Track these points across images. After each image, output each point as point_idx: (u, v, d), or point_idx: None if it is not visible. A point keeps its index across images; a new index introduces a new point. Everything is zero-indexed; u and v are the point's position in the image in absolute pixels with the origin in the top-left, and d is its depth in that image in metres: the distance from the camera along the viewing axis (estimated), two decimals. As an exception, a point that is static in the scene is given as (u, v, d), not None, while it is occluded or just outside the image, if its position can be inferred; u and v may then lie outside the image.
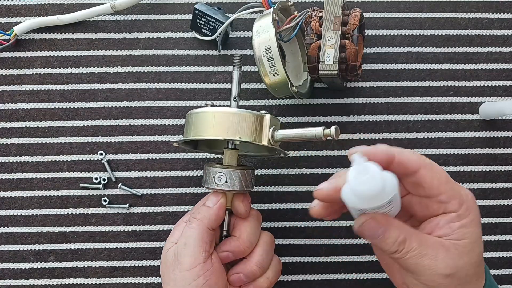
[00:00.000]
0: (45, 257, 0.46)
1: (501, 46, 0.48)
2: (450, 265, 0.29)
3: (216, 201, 0.37)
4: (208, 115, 0.36)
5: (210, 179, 0.37)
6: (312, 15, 0.41)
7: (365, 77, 0.47)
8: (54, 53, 0.47)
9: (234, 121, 0.35)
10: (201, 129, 0.36)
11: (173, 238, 0.37)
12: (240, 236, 0.37)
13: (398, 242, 0.29)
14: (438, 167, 0.31)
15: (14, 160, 0.47)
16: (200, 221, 0.36)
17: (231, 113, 0.36)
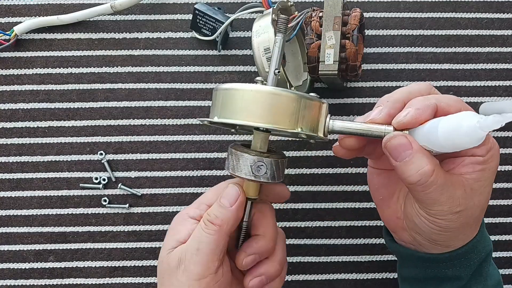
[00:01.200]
0: (45, 257, 0.46)
1: (501, 46, 0.48)
2: (462, 203, 0.29)
3: (234, 199, 0.32)
4: (264, 96, 0.30)
5: (245, 168, 0.31)
6: (312, 15, 0.41)
7: (365, 77, 0.47)
8: (54, 53, 0.47)
9: (297, 108, 0.30)
10: (253, 113, 0.30)
11: (178, 236, 0.33)
12: (266, 234, 0.33)
13: (422, 172, 0.28)
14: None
15: (14, 160, 0.47)
16: (219, 227, 0.31)
17: (295, 97, 0.30)
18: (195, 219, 0.34)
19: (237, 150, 0.32)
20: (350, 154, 0.33)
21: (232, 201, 0.32)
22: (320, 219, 0.47)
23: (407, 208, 0.32)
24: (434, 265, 0.33)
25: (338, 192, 0.47)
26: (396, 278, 0.46)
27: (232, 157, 0.32)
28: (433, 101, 0.29)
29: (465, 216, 0.30)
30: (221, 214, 0.32)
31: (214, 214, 0.32)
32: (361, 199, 0.47)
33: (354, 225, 0.47)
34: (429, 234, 0.31)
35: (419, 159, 0.28)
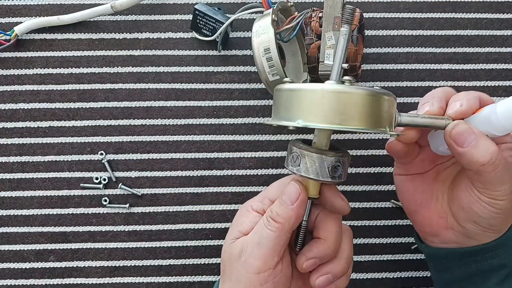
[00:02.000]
0: (46, 257, 0.46)
1: (501, 46, 0.48)
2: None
3: (295, 197, 0.32)
4: (363, 99, 0.29)
5: (287, 159, 0.31)
6: (312, 15, 0.41)
7: (365, 77, 0.47)
8: (55, 53, 0.47)
9: (383, 108, 0.30)
10: (346, 115, 0.28)
11: (241, 228, 0.33)
12: (328, 238, 0.33)
13: (492, 151, 0.30)
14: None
15: (15, 160, 0.47)
16: (282, 225, 0.31)
17: (386, 96, 0.30)
18: (258, 212, 0.34)
19: (310, 151, 0.31)
20: (405, 151, 0.35)
21: (293, 199, 0.32)
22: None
23: (461, 199, 0.33)
24: (481, 257, 0.34)
25: (338, 192, 0.47)
26: (396, 278, 0.46)
27: (296, 155, 0.31)
28: (477, 94, 0.32)
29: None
30: (282, 212, 0.32)
31: (276, 211, 0.32)
32: (360, 199, 0.47)
33: (354, 225, 0.47)
34: (488, 219, 0.32)
35: (485, 141, 0.30)
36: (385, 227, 0.47)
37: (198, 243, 0.47)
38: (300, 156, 0.31)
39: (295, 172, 0.32)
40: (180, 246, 0.47)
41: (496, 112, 0.30)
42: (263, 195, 0.35)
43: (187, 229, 0.47)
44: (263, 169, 0.47)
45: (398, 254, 0.46)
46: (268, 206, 0.34)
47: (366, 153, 0.47)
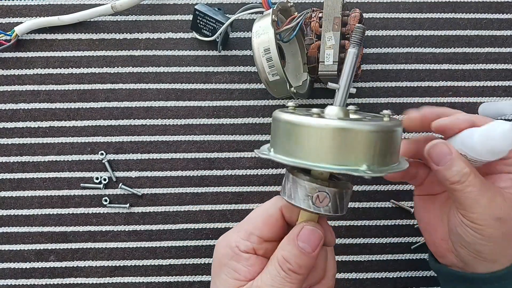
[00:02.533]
0: (46, 256, 0.47)
1: (500, 47, 0.48)
2: (504, 211, 0.30)
3: (317, 244, 0.29)
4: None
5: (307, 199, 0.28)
6: (312, 15, 0.41)
7: (364, 77, 0.47)
8: (55, 54, 0.47)
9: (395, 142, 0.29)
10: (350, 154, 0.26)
11: (238, 276, 0.30)
12: (327, 273, 0.32)
13: (463, 173, 0.30)
14: None
15: (15, 160, 0.47)
16: (302, 275, 0.29)
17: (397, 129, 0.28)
18: (249, 252, 0.31)
19: (296, 176, 0.28)
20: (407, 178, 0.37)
21: (314, 246, 0.29)
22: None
23: (451, 220, 0.33)
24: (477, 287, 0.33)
25: (337, 192, 0.47)
26: (396, 277, 0.46)
27: (294, 185, 0.28)
28: (473, 118, 0.32)
29: (506, 225, 0.30)
30: (304, 262, 0.29)
31: (296, 263, 0.28)
32: (360, 198, 0.47)
33: (354, 225, 0.47)
34: (473, 244, 0.31)
35: (459, 163, 0.31)
36: (384, 227, 0.47)
37: (198, 243, 0.47)
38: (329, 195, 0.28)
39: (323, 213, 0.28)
40: (180, 246, 0.47)
41: (473, 136, 0.30)
42: (247, 230, 0.31)
43: (187, 229, 0.47)
44: (263, 169, 0.47)
45: (397, 254, 0.47)
46: (257, 244, 0.30)
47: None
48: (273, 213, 0.31)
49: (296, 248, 0.29)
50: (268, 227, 0.31)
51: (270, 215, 0.31)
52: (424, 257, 0.46)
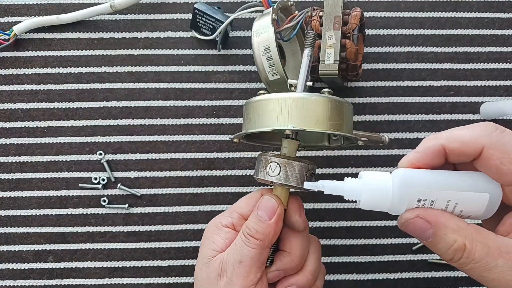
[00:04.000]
0: (44, 257, 0.46)
1: (502, 46, 0.47)
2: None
3: (272, 212, 0.32)
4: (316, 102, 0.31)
5: (263, 170, 0.33)
6: (312, 14, 0.41)
7: (365, 76, 0.47)
8: (53, 53, 0.47)
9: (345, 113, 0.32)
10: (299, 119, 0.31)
11: (214, 246, 0.33)
12: (292, 251, 0.33)
13: (454, 248, 0.24)
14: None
15: (13, 160, 0.47)
16: (262, 241, 0.31)
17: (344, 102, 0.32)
18: (228, 227, 0.34)
19: (262, 154, 0.33)
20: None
21: (270, 214, 0.32)
22: (320, 219, 0.46)
23: None
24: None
25: (338, 192, 0.47)
26: (396, 278, 0.46)
27: (257, 161, 0.33)
28: (438, 142, 0.26)
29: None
30: (260, 228, 0.32)
31: (254, 228, 0.32)
32: (361, 199, 0.46)
33: (355, 226, 0.46)
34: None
35: (445, 237, 0.25)
36: (386, 228, 0.46)
37: (198, 244, 0.46)
38: (279, 165, 0.32)
39: (275, 181, 0.32)
40: (180, 246, 0.46)
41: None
42: (231, 209, 0.35)
43: (186, 229, 0.46)
44: (263, 169, 0.47)
45: (399, 255, 0.46)
46: (237, 220, 0.34)
47: (367, 153, 0.47)
48: (254, 195, 0.35)
49: (255, 216, 0.32)
50: (249, 207, 0.34)
51: (251, 197, 0.35)
52: (425, 258, 0.46)
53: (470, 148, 0.26)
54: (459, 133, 0.26)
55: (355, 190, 0.27)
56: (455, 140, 0.26)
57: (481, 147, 0.25)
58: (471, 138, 0.26)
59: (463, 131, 0.26)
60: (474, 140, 0.25)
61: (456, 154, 0.26)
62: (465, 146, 0.26)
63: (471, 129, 0.26)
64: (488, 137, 0.25)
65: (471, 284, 0.46)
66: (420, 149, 0.27)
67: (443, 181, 0.26)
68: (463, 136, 0.26)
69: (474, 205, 0.26)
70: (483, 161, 0.25)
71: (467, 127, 0.27)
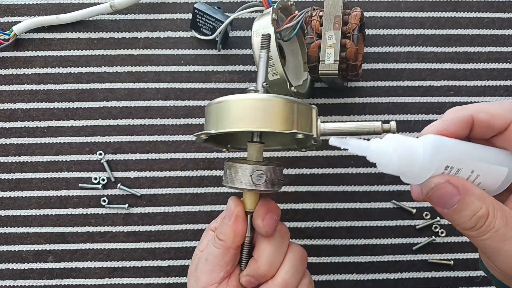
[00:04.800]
0: (44, 257, 0.46)
1: (502, 46, 0.47)
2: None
3: (230, 214, 0.33)
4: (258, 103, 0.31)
5: (244, 178, 0.32)
6: (312, 14, 0.41)
7: (365, 76, 0.47)
8: (53, 53, 0.47)
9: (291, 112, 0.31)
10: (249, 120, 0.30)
11: (200, 246, 0.36)
12: (258, 258, 0.32)
13: (479, 215, 0.24)
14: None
15: (13, 160, 0.47)
16: (224, 242, 0.32)
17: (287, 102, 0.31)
18: (213, 231, 0.37)
19: (234, 162, 0.32)
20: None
21: (229, 215, 0.33)
22: (320, 220, 0.46)
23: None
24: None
25: (338, 192, 0.46)
26: (396, 278, 0.46)
27: (230, 170, 0.32)
28: (468, 112, 0.26)
29: None
30: (223, 229, 0.33)
31: (219, 229, 0.33)
32: (361, 199, 0.46)
33: (355, 226, 0.46)
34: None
35: (471, 203, 0.24)
36: (386, 228, 0.46)
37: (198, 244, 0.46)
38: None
39: (229, 186, 0.32)
40: (180, 247, 0.46)
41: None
42: (220, 215, 0.37)
43: (186, 229, 0.46)
44: (263, 169, 0.47)
45: (399, 255, 0.46)
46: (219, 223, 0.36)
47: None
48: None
49: (221, 218, 0.35)
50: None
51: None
52: (425, 258, 0.46)
53: (498, 121, 0.26)
54: (487, 106, 0.26)
55: (382, 151, 0.25)
56: (484, 112, 0.26)
57: (509, 122, 0.26)
58: (501, 112, 0.26)
59: (491, 105, 0.26)
60: (502, 114, 0.26)
61: (483, 126, 0.26)
62: (494, 118, 0.26)
63: (499, 104, 0.27)
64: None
65: (471, 284, 0.46)
66: (447, 118, 0.26)
67: (470, 151, 0.26)
68: (492, 109, 0.26)
69: (492, 178, 0.26)
70: (508, 135, 0.26)
71: (494, 103, 0.27)
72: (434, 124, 0.27)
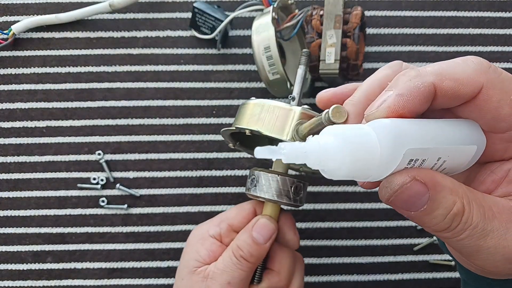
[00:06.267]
0: (43, 258, 0.46)
1: (503, 45, 0.47)
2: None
3: (269, 236, 0.31)
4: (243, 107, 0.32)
5: (252, 185, 0.32)
6: (313, 13, 0.41)
7: (366, 76, 0.46)
8: (52, 52, 0.47)
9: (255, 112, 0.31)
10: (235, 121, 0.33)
11: (198, 257, 0.32)
12: (281, 271, 0.32)
13: (454, 213, 0.19)
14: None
15: (12, 160, 0.46)
16: (253, 264, 0.31)
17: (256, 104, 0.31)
18: (215, 238, 0.33)
19: (253, 169, 0.32)
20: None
21: (267, 237, 0.31)
22: (321, 220, 0.46)
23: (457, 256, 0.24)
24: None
25: (339, 193, 0.46)
26: (397, 279, 0.46)
27: (266, 181, 0.31)
28: (429, 81, 0.20)
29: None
30: (255, 251, 0.31)
31: (248, 250, 0.31)
32: (362, 199, 0.46)
33: (356, 226, 0.46)
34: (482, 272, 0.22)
35: (443, 198, 0.19)
36: (387, 229, 0.46)
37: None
38: (259, 177, 0.32)
39: (252, 194, 0.32)
40: (179, 247, 0.46)
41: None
42: (220, 219, 0.34)
43: (186, 230, 0.46)
44: (263, 169, 0.46)
45: (400, 256, 0.46)
46: (226, 231, 0.33)
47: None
48: (246, 207, 0.34)
49: (250, 237, 0.31)
50: (239, 217, 0.33)
51: (244, 208, 0.34)
52: (426, 259, 0.46)
53: (467, 89, 0.20)
54: (450, 69, 0.20)
55: (326, 151, 0.19)
56: (449, 78, 0.20)
57: (480, 87, 0.20)
58: (469, 76, 0.20)
59: (456, 67, 0.20)
60: (472, 78, 0.20)
61: (448, 96, 0.20)
62: (462, 85, 0.20)
63: (463, 63, 0.20)
64: (485, 74, 0.20)
65: (473, 285, 0.46)
66: (404, 90, 0.20)
67: (434, 133, 0.20)
68: (458, 73, 0.20)
69: (459, 160, 0.21)
70: (479, 104, 0.20)
71: (456, 61, 0.21)
72: (387, 100, 0.20)
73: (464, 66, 0.20)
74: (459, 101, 0.21)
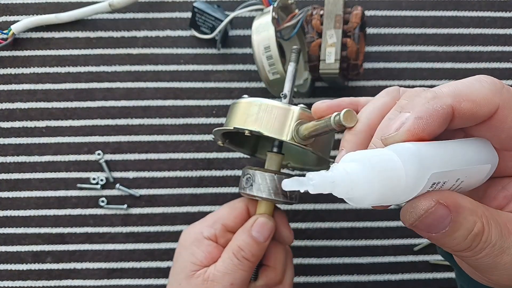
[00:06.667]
0: (43, 258, 0.46)
1: (504, 45, 0.47)
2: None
3: (268, 234, 0.32)
4: (236, 106, 0.32)
5: (247, 184, 0.32)
6: (313, 13, 0.40)
7: (366, 76, 0.47)
8: (52, 52, 0.47)
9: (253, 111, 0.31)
10: (227, 121, 0.33)
11: (195, 259, 0.32)
12: (276, 266, 0.33)
13: (474, 233, 0.19)
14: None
15: (12, 160, 0.46)
16: (253, 263, 0.32)
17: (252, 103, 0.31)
18: (211, 239, 0.33)
19: (246, 168, 0.33)
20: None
21: (266, 236, 0.32)
22: (321, 220, 0.46)
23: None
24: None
25: (339, 193, 0.46)
26: (398, 280, 0.46)
27: (260, 179, 0.32)
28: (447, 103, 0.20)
29: None
30: (256, 251, 0.31)
31: (250, 251, 0.31)
32: (362, 199, 0.46)
33: (356, 227, 0.46)
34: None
35: (464, 219, 0.19)
36: (387, 229, 0.46)
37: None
38: (254, 176, 0.32)
39: (247, 192, 0.32)
40: (179, 247, 0.46)
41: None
42: (213, 219, 0.34)
43: (186, 230, 0.46)
44: (263, 169, 0.46)
45: (400, 256, 0.46)
46: (220, 231, 0.33)
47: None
48: (238, 206, 0.34)
49: (249, 237, 0.31)
50: (233, 217, 0.33)
51: (236, 207, 0.34)
52: (427, 259, 0.46)
53: (484, 109, 0.20)
54: (468, 90, 0.20)
55: (353, 181, 0.19)
56: (467, 100, 0.20)
57: (496, 107, 0.20)
58: (485, 97, 0.20)
59: (471, 87, 0.20)
60: (489, 99, 0.20)
61: (466, 117, 0.20)
62: (480, 106, 0.20)
63: (478, 84, 0.20)
64: (500, 95, 0.20)
65: (473, 285, 0.46)
66: (422, 113, 0.20)
67: (453, 156, 0.21)
68: (475, 94, 0.20)
69: (475, 179, 0.22)
70: (495, 124, 0.21)
71: (471, 82, 0.21)
72: (406, 123, 0.20)
73: (480, 86, 0.20)
74: (475, 122, 0.21)
